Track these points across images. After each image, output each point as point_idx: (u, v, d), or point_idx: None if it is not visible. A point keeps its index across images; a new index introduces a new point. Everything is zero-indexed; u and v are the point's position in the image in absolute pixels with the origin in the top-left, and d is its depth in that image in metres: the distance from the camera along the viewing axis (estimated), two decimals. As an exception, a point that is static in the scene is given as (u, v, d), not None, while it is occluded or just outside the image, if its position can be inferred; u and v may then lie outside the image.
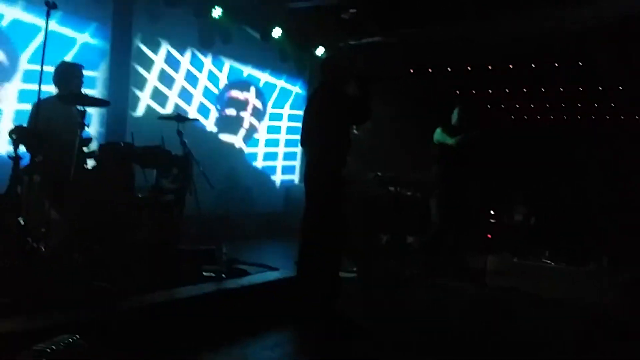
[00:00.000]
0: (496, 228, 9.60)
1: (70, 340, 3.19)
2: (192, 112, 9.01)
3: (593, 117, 11.78)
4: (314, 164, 5.14)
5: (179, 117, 6.10)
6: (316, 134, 5.11)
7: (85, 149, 5.15)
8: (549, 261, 7.82)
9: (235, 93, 10.08)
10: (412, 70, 11.15)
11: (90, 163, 5.25)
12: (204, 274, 5.27)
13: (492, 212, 9.94)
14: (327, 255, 5.00)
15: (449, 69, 11.08)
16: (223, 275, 5.30)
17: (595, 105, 11.51)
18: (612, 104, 11.37)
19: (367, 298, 6.45)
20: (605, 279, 7.64)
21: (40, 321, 3.65)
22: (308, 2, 8.99)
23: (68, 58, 6.69)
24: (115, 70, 7.76)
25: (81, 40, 7.28)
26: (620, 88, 10.70)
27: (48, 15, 4.50)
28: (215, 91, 9.62)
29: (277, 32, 9.59)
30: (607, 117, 11.64)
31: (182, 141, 5.86)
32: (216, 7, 8.57)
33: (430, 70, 11.10)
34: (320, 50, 10.79)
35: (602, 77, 10.30)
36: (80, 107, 4.78)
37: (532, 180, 10.55)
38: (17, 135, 4.66)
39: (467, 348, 4.91)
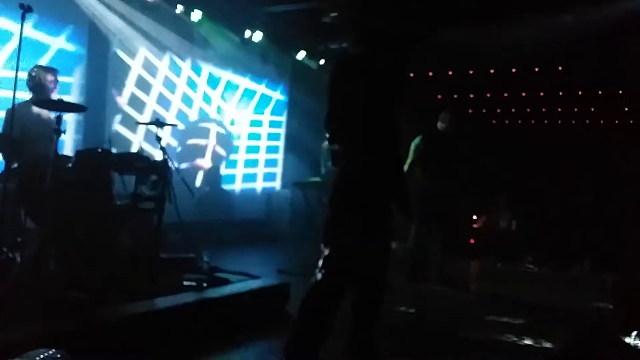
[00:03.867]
0: (479, 233, 9.59)
1: (47, 354, 3.08)
2: (170, 119, 8.88)
3: (573, 122, 11.84)
4: (367, 166, 3.74)
5: (157, 122, 6.00)
6: (367, 122, 3.76)
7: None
8: (532, 266, 7.82)
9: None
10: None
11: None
12: (185, 283, 5.16)
13: (474, 217, 9.94)
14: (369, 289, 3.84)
15: (430, 74, 11.09)
16: (204, 284, 5.20)
17: (576, 110, 11.58)
18: (593, 109, 11.44)
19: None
20: (588, 283, 7.66)
21: (15, 334, 3.53)
22: (289, 5, 8.94)
23: (43, 63, 6.54)
24: (92, 76, 7.63)
25: (56, 45, 7.12)
26: (601, 93, 10.79)
27: (23, 19, 4.38)
28: (193, 96, 9.50)
29: (257, 36, 9.53)
30: (588, 122, 11.71)
31: (162, 147, 5.74)
32: (195, 10, 8.48)
33: (411, 74, 11.08)
34: (301, 54, 10.73)
35: (585, 83, 10.37)
36: (55, 113, 4.67)
37: (515, 185, 10.56)
38: (-9, 142, 4.54)
39: (450, 353, 4.86)
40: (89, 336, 3.84)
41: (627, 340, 5.27)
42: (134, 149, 7.93)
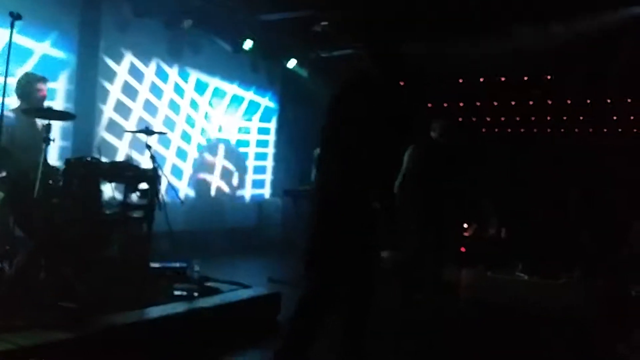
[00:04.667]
0: (470, 241, 9.59)
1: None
2: (157, 125, 8.83)
3: (562, 130, 11.93)
4: (359, 189, 3.76)
5: (147, 130, 5.97)
6: (362, 144, 3.69)
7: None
8: (522, 274, 7.81)
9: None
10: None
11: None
12: (175, 292, 5.13)
13: (465, 225, 9.95)
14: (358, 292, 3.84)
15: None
16: (195, 293, 5.17)
17: (565, 119, 11.66)
18: (582, 118, 11.53)
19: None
20: (578, 291, 7.67)
21: (4, 344, 3.49)
22: (280, 14, 8.94)
23: (26, 69, 6.50)
24: (81, 84, 7.58)
25: (40, 50, 7.06)
26: (589, 102, 10.87)
27: (12, 27, 4.35)
28: (180, 102, 9.49)
29: (248, 44, 9.52)
30: (577, 130, 11.80)
31: (151, 155, 5.72)
32: (187, 18, 8.47)
33: (401, 83, 11.11)
34: (291, 63, 10.74)
35: (574, 92, 10.44)
36: (44, 121, 4.63)
37: (505, 193, 10.60)
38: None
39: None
40: (79, 346, 3.80)
41: (617, 347, 5.30)
42: (119, 156, 7.92)
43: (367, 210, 3.79)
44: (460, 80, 10.82)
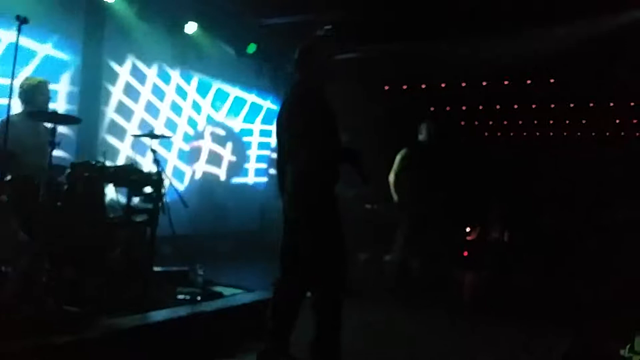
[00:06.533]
0: (473, 245, 9.59)
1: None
2: (159, 127, 8.83)
3: (565, 134, 11.94)
4: (300, 181, 4.18)
5: (152, 134, 5.98)
6: (299, 144, 4.16)
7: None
8: (523, 278, 7.83)
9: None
10: (387, 87, 11.18)
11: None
12: (179, 296, 5.14)
13: (467, 229, 9.95)
14: (328, 293, 4.15)
15: (423, 86, 11.13)
16: (198, 297, 5.17)
17: (568, 123, 11.67)
18: (585, 122, 11.53)
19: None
20: (581, 295, 7.65)
21: (7, 347, 3.49)
22: (283, 18, 8.95)
23: (29, 70, 6.51)
24: (86, 88, 7.59)
25: (43, 51, 7.06)
26: (592, 106, 10.87)
27: (19, 30, 4.37)
28: (182, 104, 9.48)
29: (251, 49, 9.54)
30: (579, 134, 11.81)
31: (155, 159, 5.72)
32: (190, 22, 8.49)
33: (404, 87, 11.14)
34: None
35: (577, 96, 10.44)
36: (49, 125, 4.65)
37: (508, 197, 10.60)
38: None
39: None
40: (83, 349, 3.81)
41: (620, 352, 5.28)
42: (122, 159, 7.94)
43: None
44: (464, 85, 10.83)
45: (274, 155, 5.74)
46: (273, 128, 4.49)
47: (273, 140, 11.52)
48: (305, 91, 4.32)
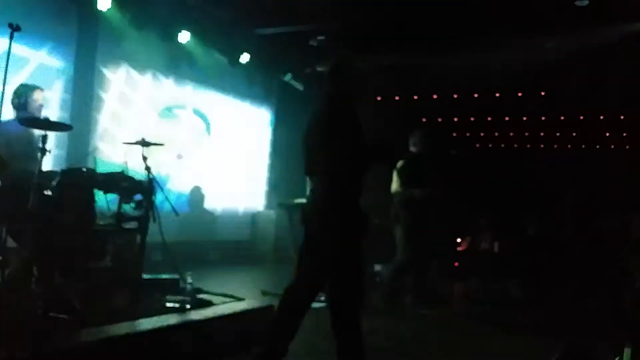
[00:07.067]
0: (463, 255, 9.62)
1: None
2: (151, 135, 8.77)
3: (555, 146, 12.01)
4: (327, 192, 4.15)
5: (144, 142, 5.96)
6: (327, 157, 4.13)
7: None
8: (516, 289, 7.85)
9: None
10: (379, 98, 11.22)
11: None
12: (168, 304, 5.11)
13: (458, 239, 9.98)
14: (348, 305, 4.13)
15: (415, 97, 11.19)
16: (187, 305, 5.15)
17: (558, 134, 11.74)
18: (575, 134, 11.61)
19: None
20: (571, 305, 7.68)
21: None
22: (277, 28, 9.00)
23: (22, 77, 6.51)
24: (78, 94, 7.59)
25: (36, 58, 7.08)
26: (582, 118, 10.95)
27: (11, 38, 4.37)
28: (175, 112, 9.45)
29: (244, 58, 9.57)
30: (570, 147, 11.88)
31: (147, 167, 5.71)
32: (184, 31, 8.51)
33: (397, 98, 11.19)
34: (288, 77, 10.78)
35: (568, 107, 10.52)
36: (41, 132, 4.64)
37: (499, 208, 10.65)
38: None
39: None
40: (71, 357, 3.79)
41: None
42: (113, 165, 7.93)
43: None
44: (455, 96, 10.89)
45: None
46: (300, 139, 4.40)
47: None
48: (339, 103, 4.27)
